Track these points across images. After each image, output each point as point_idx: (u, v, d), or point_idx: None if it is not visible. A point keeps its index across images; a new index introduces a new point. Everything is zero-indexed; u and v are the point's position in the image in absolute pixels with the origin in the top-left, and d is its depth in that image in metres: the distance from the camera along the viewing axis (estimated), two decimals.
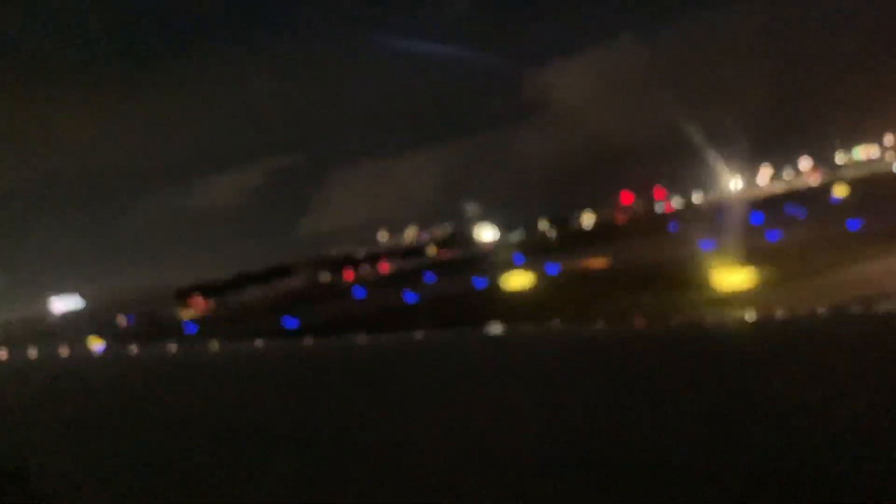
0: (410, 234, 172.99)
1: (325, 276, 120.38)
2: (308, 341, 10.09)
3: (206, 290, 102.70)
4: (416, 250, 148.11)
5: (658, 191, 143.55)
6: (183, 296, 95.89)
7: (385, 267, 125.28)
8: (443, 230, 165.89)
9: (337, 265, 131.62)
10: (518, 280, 45.41)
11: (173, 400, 5.06)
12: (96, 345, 27.18)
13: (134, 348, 10.56)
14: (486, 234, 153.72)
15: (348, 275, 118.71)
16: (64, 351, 11.51)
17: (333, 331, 20.80)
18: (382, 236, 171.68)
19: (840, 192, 77.79)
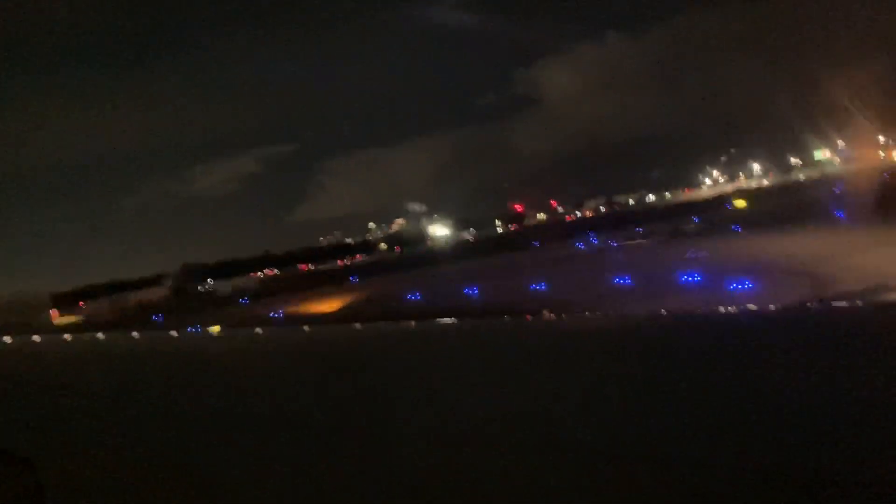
0: (398, 225, 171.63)
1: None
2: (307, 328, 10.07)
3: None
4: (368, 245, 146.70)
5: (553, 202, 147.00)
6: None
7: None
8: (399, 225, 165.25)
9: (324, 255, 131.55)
10: None
11: (171, 386, 4.88)
12: None
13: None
14: (438, 231, 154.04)
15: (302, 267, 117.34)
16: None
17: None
18: (371, 227, 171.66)
19: (739, 203, 79.88)
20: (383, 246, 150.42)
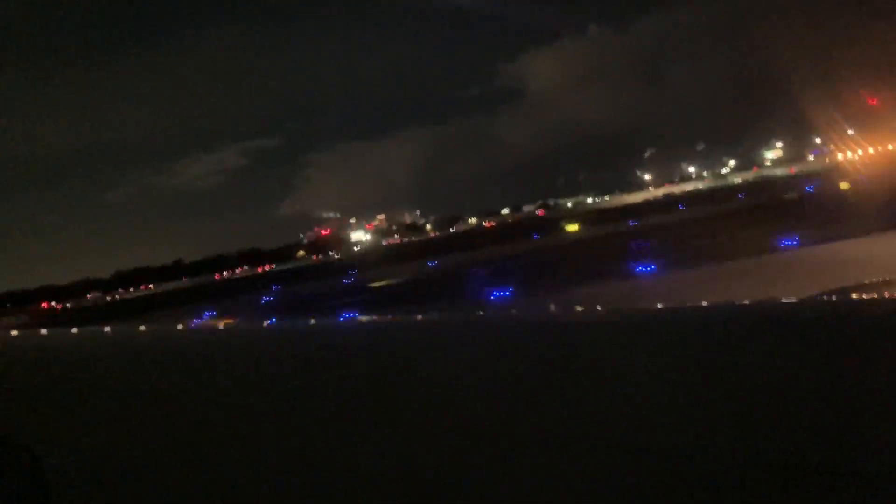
0: (379, 221, 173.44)
1: None
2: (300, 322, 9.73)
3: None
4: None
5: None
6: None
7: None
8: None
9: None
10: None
11: (176, 378, 4.78)
12: None
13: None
14: (357, 235, 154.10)
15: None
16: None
17: None
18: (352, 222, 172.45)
19: None
20: (301, 253, 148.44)
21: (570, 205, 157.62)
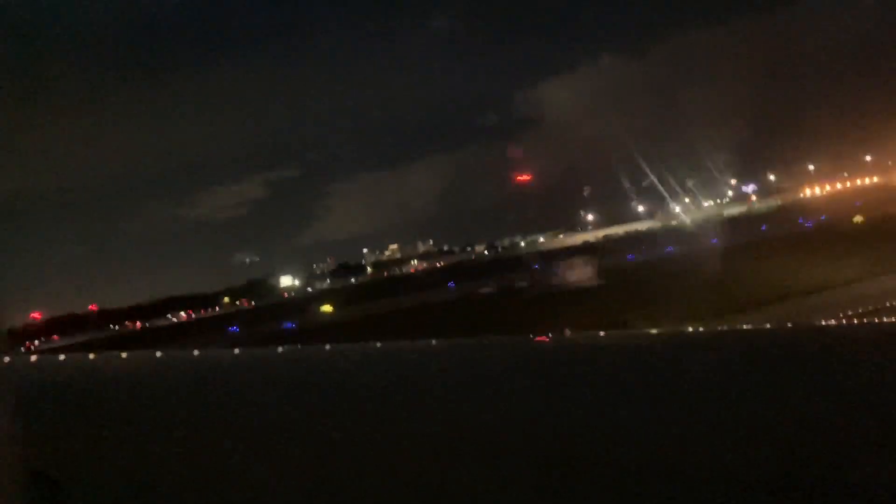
0: (391, 251, 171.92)
1: None
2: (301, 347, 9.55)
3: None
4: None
5: None
6: None
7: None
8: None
9: None
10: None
11: (196, 405, 4.77)
12: None
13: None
14: (285, 280, 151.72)
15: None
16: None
17: None
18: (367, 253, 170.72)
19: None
20: (226, 300, 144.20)
21: (522, 244, 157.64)
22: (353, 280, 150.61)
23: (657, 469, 2.18)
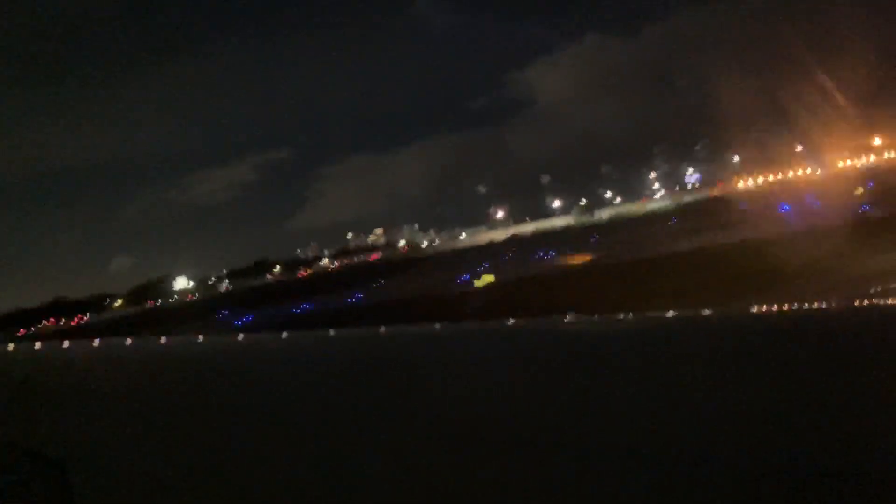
0: (376, 235, 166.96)
1: None
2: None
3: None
4: None
5: None
6: None
7: None
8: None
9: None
10: None
11: (198, 389, 4.77)
12: None
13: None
14: (180, 283, 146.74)
15: None
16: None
17: None
18: (351, 237, 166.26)
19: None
20: (119, 303, 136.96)
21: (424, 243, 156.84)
22: (230, 285, 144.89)
23: (664, 456, 2.18)
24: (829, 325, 3.46)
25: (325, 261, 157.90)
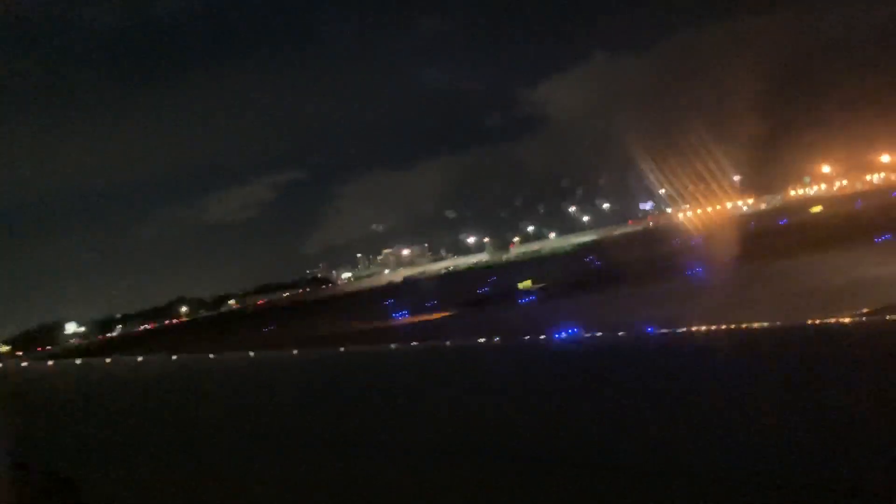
0: (384, 255, 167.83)
1: None
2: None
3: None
4: None
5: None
6: None
7: None
8: None
9: None
10: None
11: (209, 407, 4.84)
12: None
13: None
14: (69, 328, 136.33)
15: None
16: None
17: None
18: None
19: None
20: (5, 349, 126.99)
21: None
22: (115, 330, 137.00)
23: (664, 469, 2.20)
24: (829, 340, 3.50)
25: (232, 301, 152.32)
